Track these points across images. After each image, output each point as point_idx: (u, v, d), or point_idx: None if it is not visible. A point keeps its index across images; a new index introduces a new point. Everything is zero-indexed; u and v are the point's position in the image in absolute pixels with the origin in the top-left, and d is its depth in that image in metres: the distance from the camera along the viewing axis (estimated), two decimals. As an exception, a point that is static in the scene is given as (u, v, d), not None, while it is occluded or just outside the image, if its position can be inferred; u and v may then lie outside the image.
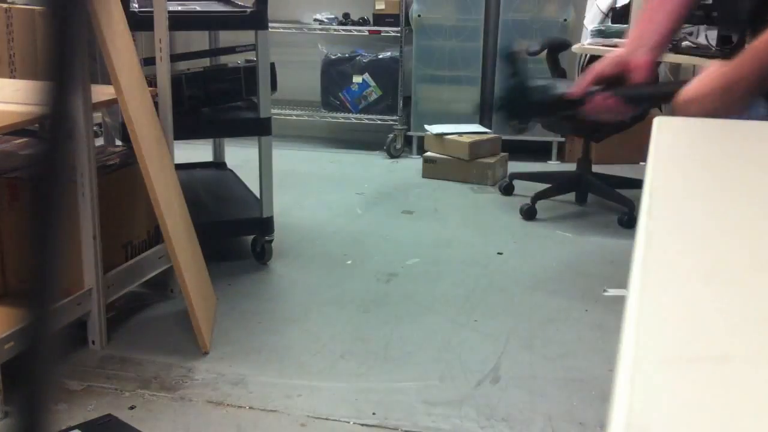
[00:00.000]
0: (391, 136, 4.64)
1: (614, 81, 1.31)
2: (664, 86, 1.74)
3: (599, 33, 3.74)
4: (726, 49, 3.02)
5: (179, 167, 2.79)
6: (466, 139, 4.15)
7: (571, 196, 3.89)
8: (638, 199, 0.78)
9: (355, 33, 4.69)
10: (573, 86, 1.34)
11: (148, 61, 2.76)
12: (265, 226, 2.97)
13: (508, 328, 2.55)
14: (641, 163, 4.49)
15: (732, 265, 0.59)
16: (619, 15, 3.95)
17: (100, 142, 2.98)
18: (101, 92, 2.40)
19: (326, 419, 2.05)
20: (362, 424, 2.03)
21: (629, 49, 1.31)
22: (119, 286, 2.47)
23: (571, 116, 1.43)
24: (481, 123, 4.52)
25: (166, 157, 2.49)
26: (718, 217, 0.70)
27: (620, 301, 2.78)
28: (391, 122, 4.64)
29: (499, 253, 3.19)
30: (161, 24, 2.42)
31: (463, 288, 2.85)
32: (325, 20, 4.74)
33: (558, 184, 3.80)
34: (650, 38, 1.31)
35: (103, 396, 2.12)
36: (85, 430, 1.96)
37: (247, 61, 3.09)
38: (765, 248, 0.62)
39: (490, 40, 4.53)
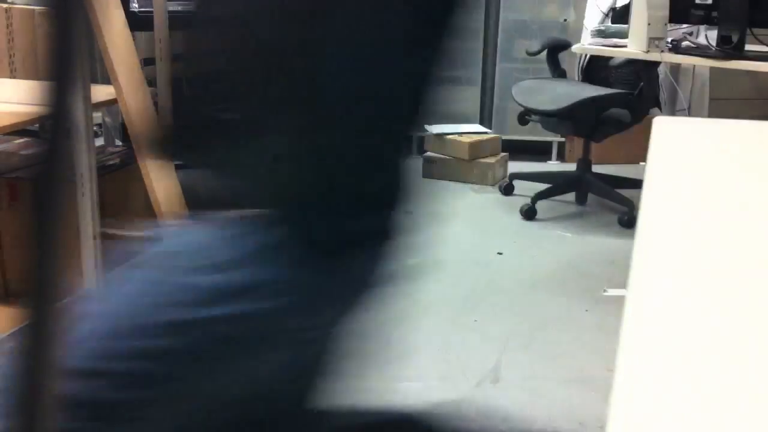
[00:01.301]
0: (391, 136, 4.62)
1: None
2: None
3: (599, 33, 3.74)
4: (726, 49, 3.02)
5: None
6: (466, 139, 4.15)
7: (571, 196, 3.89)
8: (638, 199, 0.78)
9: (355, 33, 4.68)
10: None
11: (148, 61, 2.76)
12: (265, 226, 2.96)
13: (508, 328, 2.55)
14: (641, 163, 4.49)
15: (731, 265, 0.59)
16: (619, 15, 3.94)
17: (100, 142, 2.98)
18: (101, 92, 2.40)
19: (326, 419, 2.04)
20: (362, 424, 2.02)
21: None
22: (119, 286, 2.46)
23: None
24: (481, 123, 4.51)
25: (166, 157, 2.48)
26: (717, 217, 0.70)
27: (620, 301, 2.78)
28: (391, 122, 4.63)
29: (499, 253, 3.19)
30: (161, 24, 2.42)
31: (463, 288, 2.85)
32: (325, 20, 4.73)
33: (558, 184, 3.79)
34: None
35: (103, 396, 2.12)
36: (85, 430, 1.95)
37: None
38: (764, 248, 0.62)
39: (490, 40, 4.53)
